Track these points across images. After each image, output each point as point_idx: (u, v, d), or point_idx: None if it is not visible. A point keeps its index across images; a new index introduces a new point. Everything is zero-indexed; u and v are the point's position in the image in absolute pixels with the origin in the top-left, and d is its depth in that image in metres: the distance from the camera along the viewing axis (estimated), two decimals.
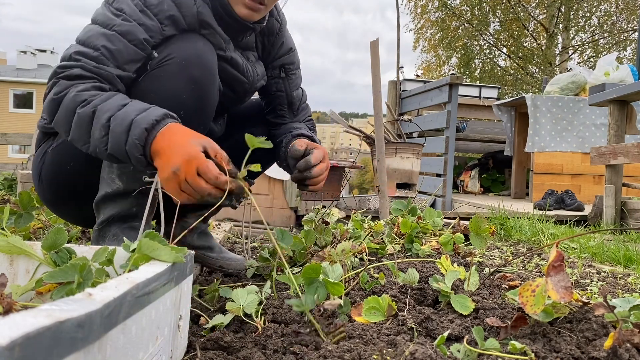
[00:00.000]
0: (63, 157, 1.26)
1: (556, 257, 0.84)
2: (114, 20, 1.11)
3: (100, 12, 1.14)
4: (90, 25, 1.13)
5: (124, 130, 0.97)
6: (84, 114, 1.00)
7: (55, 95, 1.04)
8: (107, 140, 0.99)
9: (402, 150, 3.83)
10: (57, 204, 1.35)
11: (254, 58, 1.44)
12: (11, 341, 0.31)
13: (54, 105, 1.05)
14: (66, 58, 1.09)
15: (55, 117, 1.06)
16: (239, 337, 0.90)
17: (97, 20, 1.13)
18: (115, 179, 1.19)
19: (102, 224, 1.22)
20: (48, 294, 0.76)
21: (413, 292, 1.09)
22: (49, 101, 1.06)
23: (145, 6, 1.14)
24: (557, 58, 16.33)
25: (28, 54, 28.77)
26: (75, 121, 1.02)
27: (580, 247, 2.09)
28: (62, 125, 1.05)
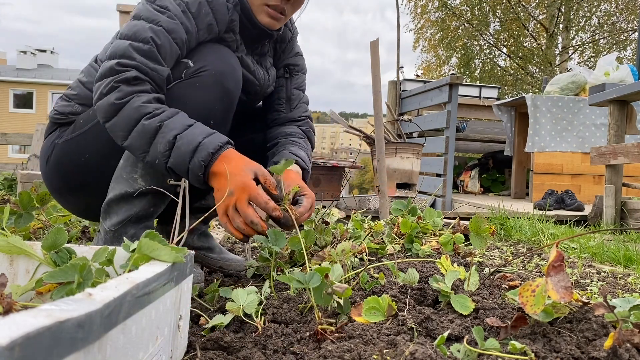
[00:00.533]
0: (77, 150, 1.28)
1: (556, 257, 0.84)
2: (158, 17, 1.14)
3: (143, 8, 1.17)
4: (134, 21, 1.15)
5: (191, 150, 1.06)
6: (150, 126, 1.06)
7: (117, 100, 1.07)
8: (169, 155, 1.07)
9: (402, 150, 3.83)
10: (63, 192, 1.37)
11: (269, 64, 1.50)
12: (11, 341, 0.31)
13: (114, 109, 1.08)
14: (118, 54, 1.10)
15: (113, 120, 1.09)
16: (239, 337, 0.90)
17: (141, 16, 1.15)
18: (138, 179, 1.20)
19: (117, 225, 1.21)
20: (48, 294, 0.76)
21: (413, 292, 1.09)
22: (109, 104, 1.07)
23: (186, 8, 1.18)
24: (557, 58, 16.33)
25: (28, 54, 28.77)
26: (139, 131, 1.07)
27: (580, 247, 2.09)
28: (120, 130, 1.09)
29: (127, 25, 1.16)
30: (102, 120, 1.11)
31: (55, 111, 1.34)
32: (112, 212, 1.22)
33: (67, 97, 1.35)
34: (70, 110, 1.33)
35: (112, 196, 1.22)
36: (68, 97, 1.35)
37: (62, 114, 1.34)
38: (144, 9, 1.17)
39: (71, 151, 1.29)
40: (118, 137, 1.11)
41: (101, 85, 1.09)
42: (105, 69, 1.10)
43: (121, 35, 1.14)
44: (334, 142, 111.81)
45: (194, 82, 1.19)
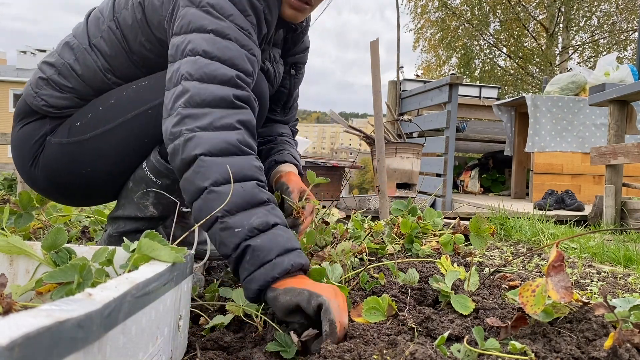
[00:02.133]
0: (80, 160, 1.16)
1: (556, 257, 0.84)
2: (249, 43, 1.02)
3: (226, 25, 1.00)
4: (226, 42, 0.99)
5: (287, 247, 0.88)
6: (259, 197, 0.91)
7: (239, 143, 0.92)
8: (258, 234, 0.88)
9: (402, 150, 3.83)
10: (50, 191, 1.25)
11: (278, 56, 1.39)
12: (11, 341, 0.31)
13: (229, 150, 0.91)
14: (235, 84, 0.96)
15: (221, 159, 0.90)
16: (239, 337, 0.90)
17: (228, 36, 0.99)
18: (149, 207, 1.18)
19: (122, 233, 1.22)
20: (48, 294, 0.76)
21: (413, 292, 1.09)
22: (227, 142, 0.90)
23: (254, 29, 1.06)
24: (557, 58, 16.33)
25: (28, 54, 28.78)
26: (244, 188, 0.90)
27: (580, 247, 2.09)
28: (222, 173, 0.89)
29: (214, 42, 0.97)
30: (203, 151, 0.89)
31: (45, 102, 1.16)
32: (120, 222, 1.23)
33: (57, 86, 1.17)
34: (67, 104, 1.18)
35: (121, 214, 1.21)
36: (59, 86, 1.17)
37: (55, 107, 1.17)
38: (227, 26, 1.00)
39: (70, 159, 1.16)
40: (212, 177, 0.88)
41: (211, 114, 0.91)
42: (212, 96, 0.92)
43: (207, 54, 0.96)
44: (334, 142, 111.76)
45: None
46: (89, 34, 1.18)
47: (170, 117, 0.94)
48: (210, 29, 0.99)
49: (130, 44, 1.15)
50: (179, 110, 0.92)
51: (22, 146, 1.20)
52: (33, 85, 1.19)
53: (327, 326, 0.79)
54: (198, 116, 0.91)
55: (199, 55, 0.96)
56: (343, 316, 0.83)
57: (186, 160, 0.91)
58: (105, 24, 1.16)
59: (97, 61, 1.16)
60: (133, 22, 1.13)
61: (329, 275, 1.01)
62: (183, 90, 0.94)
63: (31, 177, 1.23)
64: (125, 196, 1.20)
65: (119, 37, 1.15)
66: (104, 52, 1.16)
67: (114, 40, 1.15)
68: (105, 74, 1.17)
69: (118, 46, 1.15)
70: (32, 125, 1.19)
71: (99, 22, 1.18)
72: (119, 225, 1.23)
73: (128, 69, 1.17)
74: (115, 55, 1.16)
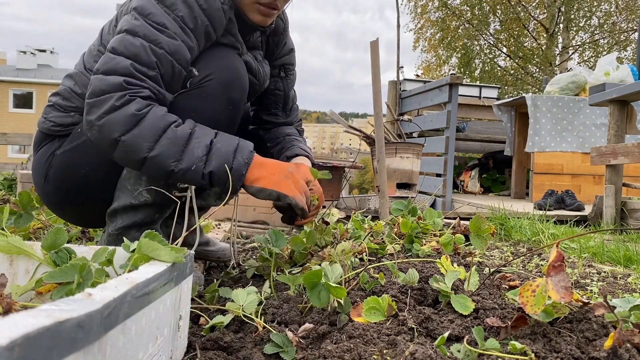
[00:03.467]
0: (78, 162, 1.23)
1: (556, 257, 0.84)
2: (158, 37, 1.08)
3: (139, 24, 1.09)
4: (130, 37, 1.08)
5: (231, 151, 1.10)
6: (182, 132, 1.06)
7: (137, 111, 1.03)
8: (207, 159, 1.07)
9: (402, 150, 3.82)
10: (63, 205, 1.33)
11: (260, 57, 1.46)
12: (11, 341, 0.31)
13: (135, 120, 1.03)
14: (120, 72, 1.05)
15: (134, 131, 1.03)
16: (239, 337, 0.90)
17: (137, 33, 1.08)
18: (143, 192, 1.20)
19: (122, 229, 1.23)
20: (48, 294, 0.76)
21: (413, 292, 1.09)
22: (127, 115, 1.03)
23: (183, 23, 1.12)
24: (557, 58, 16.33)
25: (28, 54, 28.79)
26: (170, 137, 1.05)
27: (580, 247, 2.09)
28: (145, 141, 1.04)
29: (122, 40, 1.08)
30: (119, 133, 1.03)
31: (53, 123, 1.28)
32: (118, 217, 1.23)
33: (62, 108, 1.29)
34: (71, 121, 1.28)
35: (117, 205, 1.22)
36: (63, 108, 1.29)
37: (62, 125, 1.28)
38: (140, 24, 1.09)
39: (71, 163, 1.24)
40: (142, 148, 1.04)
41: (110, 99, 1.03)
42: (108, 85, 1.04)
43: (114, 51, 1.07)
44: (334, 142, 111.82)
45: (199, 93, 1.17)
46: (84, 62, 1.29)
47: (85, 105, 1.07)
48: (125, 28, 1.09)
49: None
50: (88, 101, 1.05)
51: (37, 168, 1.31)
52: (43, 114, 1.32)
53: (299, 212, 1.17)
54: (100, 103, 1.03)
55: (110, 52, 1.08)
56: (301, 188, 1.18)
57: (110, 144, 1.05)
58: (95, 49, 1.27)
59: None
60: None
61: (329, 276, 1.01)
62: (92, 82, 1.06)
63: (46, 194, 1.31)
64: (120, 187, 1.22)
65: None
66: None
67: None
68: None
69: None
70: (45, 147, 1.30)
71: (91, 50, 1.29)
72: (116, 222, 1.23)
73: None
74: None
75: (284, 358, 0.82)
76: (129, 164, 1.10)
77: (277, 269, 1.36)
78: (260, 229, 2.94)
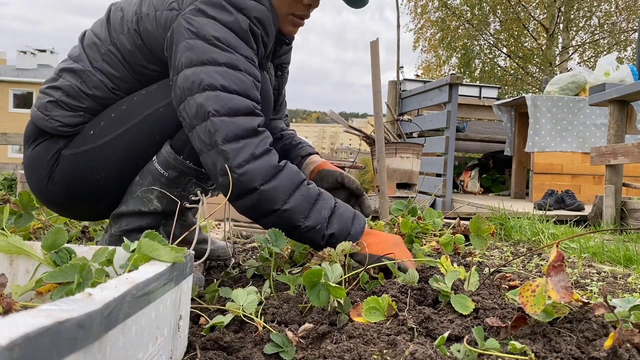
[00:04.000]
0: (93, 166, 1.20)
1: (556, 257, 0.84)
2: (254, 71, 1.12)
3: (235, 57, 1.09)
4: (238, 73, 1.08)
5: (350, 217, 1.17)
6: (313, 191, 1.13)
7: (277, 163, 1.08)
8: (329, 221, 1.13)
9: (402, 150, 3.82)
10: (66, 205, 1.29)
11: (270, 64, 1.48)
12: (11, 341, 0.31)
13: (275, 172, 1.08)
14: (253, 113, 1.08)
15: (274, 183, 1.07)
16: (239, 337, 0.90)
17: (238, 67, 1.09)
18: (153, 200, 1.20)
19: (123, 232, 1.23)
20: (48, 294, 0.76)
21: (413, 292, 1.09)
22: (271, 167, 1.07)
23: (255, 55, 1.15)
24: (557, 58, 16.33)
25: (28, 54, 28.79)
26: (304, 194, 1.10)
27: (580, 247, 2.09)
28: (282, 194, 1.07)
29: (229, 76, 1.07)
30: (259, 183, 1.05)
31: (60, 122, 1.21)
32: (123, 220, 1.23)
33: (68, 107, 1.22)
34: (81, 121, 1.23)
35: (125, 210, 1.22)
36: (70, 107, 1.22)
37: (70, 125, 1.22)
38: (236, 58, 1.09)
39: (85, 166, 1.20)
40: (278, 200, 1.07)
41: (249, 147, 1.05)
42: (241, 130, 1.05)
43: (226, 89, 1.06)
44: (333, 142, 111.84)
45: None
46: (89, 58, 1.23)
47: (211, 152, 1.06)
48: (223, 62, 1.08)
49: (132, 66, 1.22)
50: (220, 147, 1.05)
51: (36, 165, 1.24)
52: (42, 109, 1.22)
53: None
54: (238, 150, 1.05)
55: (219, 90, 1.06)
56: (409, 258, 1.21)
57: (246, 192, 1.06)
58: (104, 47, 1.22)
59: (104, 81, 1.22)
60: (132, 47, 1.20)
61: (329, 276, 1.01)
62: (215, 126, 1.04)
63: (47, 194, 1.26)
64: (130, 192, 1.22)
65: (120, 60, 1.21)
66: (108, 73, 1.22)
67: (116, 62, 1.22)
68: (113, 92, 1.23)
69: (121, 67, 1.22)
70: (45, 144, 1.23)
71: (97, 46, 1.23)
72: (121, 224, 1.23)
73: (134, 85, 1.24)
74: (120, 75, 1.22)
75: (284, 358, 0.82)
76: (254, 213, 1.11)
77: (277, 269, 1.36)
78: (260, 229, 2.94)
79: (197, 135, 1.07)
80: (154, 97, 1.20)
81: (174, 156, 1.17)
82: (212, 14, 1.10)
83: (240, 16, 1.11)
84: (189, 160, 1.18)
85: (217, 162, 1.06)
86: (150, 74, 1.23)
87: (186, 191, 1.22)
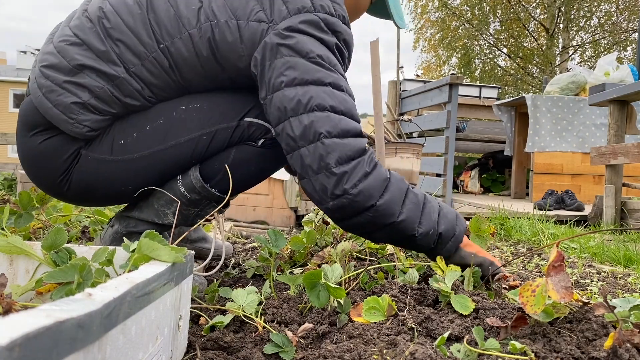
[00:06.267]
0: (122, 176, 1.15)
1: (556, 257, 0.84)
2: (350, 89, 1.11)
3: (337, 77, 1.08)
4: (342, 94, 1.07)
5: (454, 217, 1.16)
6: (420, 196, 1.11)
7: (385, 175, 1.07)
8: (438, 222, 1.12)
9: (402, 150, 3.82)
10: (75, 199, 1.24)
11: None
12: (11, 341, 0.31)
13: (385, 184, 1.06)
14: (352, 133, 1.06)
15: (386, 197, 1.05)
16: (239, 337, 0.90)
17: (341, 87, 1.08)
18: (169, 215, 1.20)
19: (128, 232, 1.23)
20: (48, 294, 0.76)
21: (413, 292, 1.09)
22: (382, 180, 1.05)
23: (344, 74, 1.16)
24: (558, 58, 16.33)
25: (28, 54, 28.79)
26: (414, 202, 1.08)
27: (581, 247, 2.09)
28: (395, 205, 1.06)
29: (335, 97, 1.05)
30: (375, 200, 1.03)
31: (89, 128, 1.10)
32: (132, 222, 1.24)
33: (98, 111, 1.10)
34: (107, 124, 1.14)
35: (137, 215, 1.22)
36: (99, 111, 1.10)
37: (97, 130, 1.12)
38: (337, 77, 1.08)
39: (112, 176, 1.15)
40: (394, 213, 1.05)
41: (360, 165, 1.03)
42: (353, 151, 1.03)
43: (335, 110, 1.05)
44: None
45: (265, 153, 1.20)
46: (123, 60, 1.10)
47: (320, 175, 1.03)
48: (328, 82, 1.06)
49: (184, 75, 1.12)
50: (334, 170, 1.02)
51: (50, 158, 1.14)
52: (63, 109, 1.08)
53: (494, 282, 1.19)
54: (352, 172, 1.02)
55: (328, 110, 1.04)
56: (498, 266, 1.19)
57: (361, 211, 1.04)
58: (147, 52, 1.09)
59: (140, 90, 1.11)
60: (191, 56, 1.09)
61: (329, 276, 1.01)
62: (327, 149, 1.02)
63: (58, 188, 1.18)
64: (147, 201, 1.21)
65: (165, 67, 1.10)
66: (146, 81, 1.11)
67: (159, 69, 1.10)
68: (147, 100, 1.13)
69: (163, 75, 1.11)
70: (60, 139, 1.13)
71: (136, 48, 1.09)
72: (129, 224, 1.23)
73: (173, 92, 1.15)
74: (159, 83, 1.12)
75: (284, 358, 0.82)
76: (368, 229, 1.08)
77: (277, 269, 1.36)
78: (260, 229, 2.94)
79: (302, 157, 1.04)
80: (198, 121, 1.14)
81: (201, 184, 1.16)
82: (311, 32, 1.06)
83: (334, 38, 1.10)
84: (215, 189, 1.17)
85: (328, 186, 1.02)
86: (200, 85, 1.15)
87: (203, 211, 1.23)
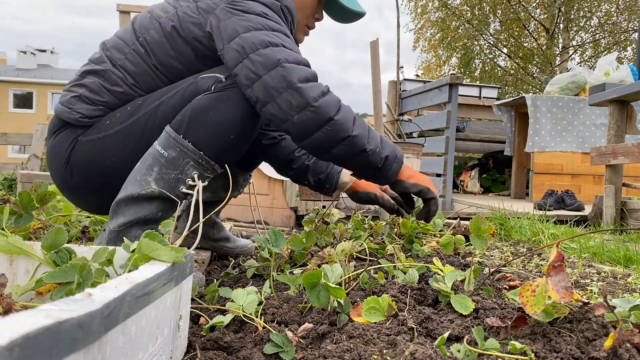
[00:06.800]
0: (105, 151, 1.29)
1: (556, 257, 0.84)
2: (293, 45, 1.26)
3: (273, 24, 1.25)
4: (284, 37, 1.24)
5: (393, 145, 1.33)
6: (364, 121, 1.27)
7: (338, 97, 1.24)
8: (382, 145, 1.29)
9: (402, 150, 3.82)
10: (81, 191, 1.37)
11: None
12: (11, 341, 0.31)
13: (339, 104, 1.23)
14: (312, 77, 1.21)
15: (342, 113, 1.21)
16: (239, 337, 0.90)
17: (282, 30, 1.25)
18: (151, 182, 1.21)
19: (123, 226, 1.22)
20: (48, 294, 0.76)
21: (413, 292, 1.09)
22: (337, 101, 1.22)
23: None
24: (557, 58, 16.32)
25: (28, 54, 28.78)
26: (361, 123, 1.25)
27: (580, 247, 2.09)
28: (349, 121, 1.22)
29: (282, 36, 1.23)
30: (334, 113, 1.19)
31: (81, 114, 1.31)
32: (120, 212, 1.22)
33: (90, 101, 1.32)
34: (99, 113, 1.32)
35: (123, 196, 1.22)
36: (91, 101, 1.32)
37: (89, 117, 1.31)
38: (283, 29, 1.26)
39: (98, 152, 1.29)
40: (348, 128, 1.21)
41: (318, 86, 1.20)
42: (310, 74, 1.19)
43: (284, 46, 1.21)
44: None
45: (221, 96, 1.24)
46: (111, 59, 1.34)
47: (285, 93, 1.16)
48: (277, 29, 1.24)
49: (158, 58, 1.32)
50: (297, 85, 1.16)
51: (56, 153, 1.34)
52: (66, 103, 1.33)
53: (434, 206, 1.44)
54: (312, 88, 1.18)
55: (281, 47, 1.20)
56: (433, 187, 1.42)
57: (322, 123, 1.19)
58: (129, 47, 1.33)
59: (123, 77, 1.32)
60: (162, 38, 1.31)
61: (329, 276, 1.01)
62: (288, 70, 1.16)
63: (65, 180, 1.35)
64: (129, 178, 1.24)
65: (143, 55, 1.32)
66: (128, 70, 1.32)
67: (138, 59, 1.32)
68: (132, 88, 1.32)
69: (143, 64, 1.32)
70: (65, 132, 1.33)
71: (121, 46, 1.34)
72: (118, 218, 1.22)
73: (152, 82, 1.33)
74: (140, 72, 1.32)
75: (284, 358, 0.82)
76: (326, 145, 1.22)
77: (277, 269, 1.36)
78: (260, 229, 2.93)
79: (264, 84, 1.17)
80: (164, 92, 1.30)
81: (174, 135, 1.22)
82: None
83: (278, 2, 1.29)
84: (187, 140, 1.22)
85: (293, 100, 1.16)
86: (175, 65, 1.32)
87: (183, 174, 1.23)
